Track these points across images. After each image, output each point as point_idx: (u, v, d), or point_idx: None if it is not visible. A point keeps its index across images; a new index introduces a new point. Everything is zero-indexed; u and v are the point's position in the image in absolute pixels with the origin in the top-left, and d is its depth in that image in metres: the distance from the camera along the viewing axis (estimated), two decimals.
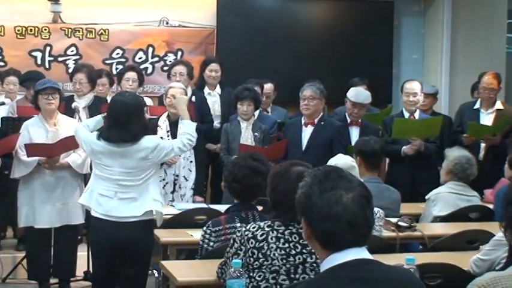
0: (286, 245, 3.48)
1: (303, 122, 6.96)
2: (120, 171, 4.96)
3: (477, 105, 7.66)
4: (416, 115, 7.27)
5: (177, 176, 6.58)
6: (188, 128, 5.31)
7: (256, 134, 6.89)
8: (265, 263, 3.45)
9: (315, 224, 2.28)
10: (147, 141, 5.01)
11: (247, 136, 6.86)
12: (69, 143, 5.83)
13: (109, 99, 6.47)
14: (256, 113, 7.19)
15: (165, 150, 5.06)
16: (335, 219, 2.25)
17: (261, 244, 3.48)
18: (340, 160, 5.13)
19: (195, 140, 5.29)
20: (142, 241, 5.04)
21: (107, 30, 8.78)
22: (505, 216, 2.36)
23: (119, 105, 5.00)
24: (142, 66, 8.65)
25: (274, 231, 3.50)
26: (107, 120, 5.06)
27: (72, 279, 6.40)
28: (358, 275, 2.24)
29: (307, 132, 6.91)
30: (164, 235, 5.20)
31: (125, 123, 4.92)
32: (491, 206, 6.02)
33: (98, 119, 5.23)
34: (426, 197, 6.02)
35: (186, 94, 6.80)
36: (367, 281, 2.24)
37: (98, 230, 5.08)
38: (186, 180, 6.61)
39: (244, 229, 3.55)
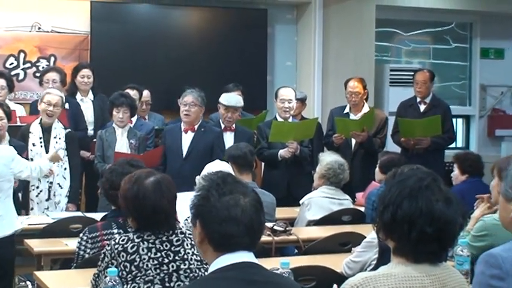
0: (158, 254, 3.44)
1: (182, 128, 6.90)
2: None
3: (347, 110, 7.86)
4: (290, 121, 7.38)
5: (51, 183, 6.46)
6: (44, 165, 5.80)
7: (131, 141, 6.80)
8: (139, 274, 3.40)
9: (212, 226, 2.32)
10: (3, 149, 5.25)
11: (122, 143, 6.77)
12: None
13: None
14: (134, 119, 7.14)
15: (21, 164, 5.36)
16: (234, 222, 2.30)
17: (133, 257, 3.41)
18: (217, 166, 5.17)
19: (39, 175, 5.80)
20: (11, 252, 5.15)
21: None
22: (379, 217, 2.40)
23: None
24: (13, 73, 8.41)
25: (145, 242, 3.45)
26: None
27: None
28: (245, 276, 2.30)
29: (187, 138, 6.84)
30: (38, 245, 5.09)
31: None
32: (362, 209, 6.20)
33: None
34: (300, 202, 6.12)
35: (63, 100, 6.71)
36: (254, 283, 2.30)
37: None
38: (61, 187, 6.50)
39: (113, 242, 3.47)
